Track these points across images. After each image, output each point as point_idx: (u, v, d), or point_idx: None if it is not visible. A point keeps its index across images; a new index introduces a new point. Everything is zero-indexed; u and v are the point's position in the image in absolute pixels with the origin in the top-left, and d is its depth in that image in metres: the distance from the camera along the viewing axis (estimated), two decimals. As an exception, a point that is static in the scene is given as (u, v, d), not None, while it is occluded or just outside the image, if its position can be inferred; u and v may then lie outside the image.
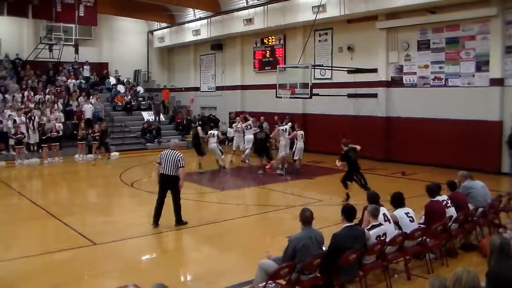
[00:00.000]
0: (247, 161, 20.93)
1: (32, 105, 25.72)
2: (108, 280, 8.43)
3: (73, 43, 31.98)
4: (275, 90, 22.61)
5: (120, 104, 30.22)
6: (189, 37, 31.87)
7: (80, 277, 8.48)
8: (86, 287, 7.50)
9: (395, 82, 21.81)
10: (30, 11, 27.30)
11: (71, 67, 31.68)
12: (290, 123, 23.01)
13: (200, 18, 30.50)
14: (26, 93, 27.09)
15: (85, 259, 9.51)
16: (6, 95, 26.44)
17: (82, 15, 28.33)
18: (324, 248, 6.99)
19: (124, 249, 10.37)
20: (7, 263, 9.39)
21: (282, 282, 6.68)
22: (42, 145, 23.28)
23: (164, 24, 33.84)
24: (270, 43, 27.81)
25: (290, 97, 22.13)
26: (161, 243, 10.98)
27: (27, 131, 23.39)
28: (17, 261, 9.48)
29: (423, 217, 8.99)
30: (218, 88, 31.91)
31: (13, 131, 22.69)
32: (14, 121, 23.39)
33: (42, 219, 12.67)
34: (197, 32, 30.90)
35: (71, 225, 11.79)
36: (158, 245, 10.90)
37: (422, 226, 8.48)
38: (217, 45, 31.13)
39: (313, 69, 22.17)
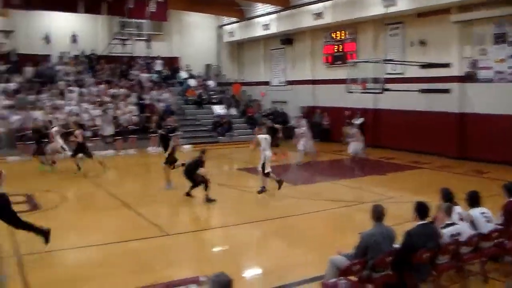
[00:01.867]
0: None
1: (107, 99, 26.54)
2: (180, 270, 8.51)
3: (145, 38, 32.66)
4: (345, 85, 22.38)
5: (191, 98, 30.66)
6: (259, 32, 31.89)
7: (154, 266, 8.61)
8: (160, 276, 7.63)
9: (470, 77, 21.03)
10: (104, 8, 28.17)
11: (143, 62, 32.35)
12: (362, 119, 22.80)
13: (270, 13, 30.51)
14: (101, 86, 27.96)
15: (158, 249, 9.68)
16: (83, 89, 27.39)
17: (153, 11, 28.92)
18: (395, 246, 6.90)
19: (195, 240, 10.52)
20: (85, 250, 9.83)
21: (354, 278, 6.62)
22: (117, 137, 24.00)
23: (233, 19, 34.01)
24: (339, 38, 27.49)
25: (361, 92, 21.88)
26: (232, 236, 10.96)
27: (102, 123, 24.20)
28: (94, 248, 9.89)
29: (501, 217, 8.60)
30: (289, 83, 31.85)
31: (89, 123, 23.51)
32: (90, 114, 24.27)
33: (117, 209, 13.02)
34: (266, 26, 30.92)
35: (145, 215, 12.05)
36: (229, 237, 10.89)
37: (499, 227, 8.07)
38: (286, 39, 31.03)
39: (384, 64, 21.82)
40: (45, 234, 9.30)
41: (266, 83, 33.72)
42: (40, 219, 11.96)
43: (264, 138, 14.65)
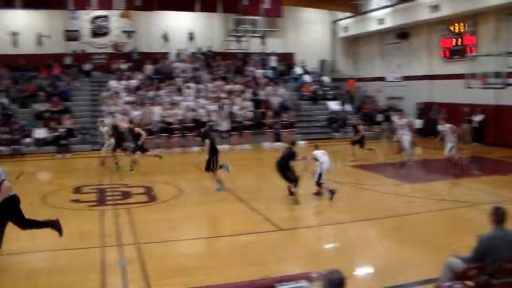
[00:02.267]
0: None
1: (222, 95, 26.97)
2: (291, 266, 8.42)
3: (260, 35, 32.86)
4: (464, 80, 21.21)
5: (306, 93, 30.50)
6: (374, 26, 31.05)
7: (265, 261, 8.56)
8: (271, 270, 7.51)
9: None
10: (220, 6, 28.66)
11: (258, 58, 32.58)
12: (481, 116, 21.57)
13: (385, 7, 29.65)
14: (217, 83, 28.47)
15: (270, 244, 9.63)
16: (199, 85, 28.03)
17: (268, 7, 29.05)
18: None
19: (308, 236, 10.33)
20: (199, 241, 10.13)
21: (470, 283, 6.11)
22: (232, 132, 24.31)
23: (348, 14, 33.41)
24: (458, 31, 26.06)
25: (481, 87, 20.66)
26: (344, 233, 10.62)
27: (218, 119, 24.63)
28: (208, 240, 10.20)
29: None
30: (404, 78, 30.76)
31: (205, 119, 24.02)
32: (206, 109, 24.79)
33: (231, 203, 13.10)
34: (381, 21, 30.04)
35: (259, 210, 12.00)
36: (340, 235, 10.58)
37: None
38: (402, 33, 29.94)
39: (507, 57, 20.44)
40: (55, 225, 9.22)
41: (381, 79, 32.76)
42: (158, 211, 12.43)
43: (320, 152, 13.80)
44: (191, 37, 31.79)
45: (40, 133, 23.86)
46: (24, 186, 15.61)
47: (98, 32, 31.20)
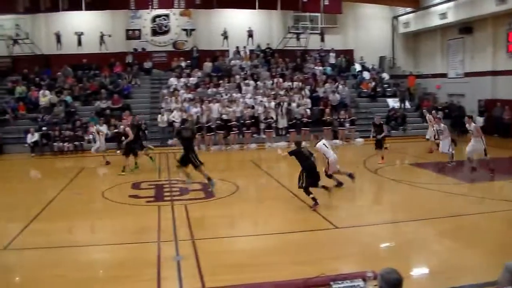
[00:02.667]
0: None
1: (281, 92, 26.85)
2: (346, 264, 8.29)
3: (319, 32, 32.55)
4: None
5: (365, 90, 29.97)
6: (435, 21, 30.11)
7: (319, 258, 8.43)
8: (326, 268, 7.32)
9: None
10: (278, 3, 28.54)
11: (317, 55, 32.27)
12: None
13: (447, 1, 28.71)
14: (275, 80, 28.37)
15: (325, 241, 9.51)
16: (258, 82, 28.02)
17: (327, 3, 28.73)
18: None
19: (364, 235, 10.06)
20: (254, 238, 10.04)
21: None
22: (290, 129, 24.16)
23: (409, 9, 32.61)
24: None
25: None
26: (400, 233, 10.31)
27: (276, 116, 24.54)
28: (264, 236, 10.06)
29: None
30: (466, 75, 29.78)
31: (263, 116, 23.98)
32: (265, 106, 24.73)
33: (287, 200, 12.92)
34: (444, 15, 29.10)
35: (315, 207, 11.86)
36: (397, 234, 10.27)
37: None
38: (465, 28, 28.92)
39: None
40: None
41: (443, 75, 31.78)
42: (215, 207, 12.40)
43: (323, 144, 13.78)
44: (250, 34, 31.86)
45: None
46: (84, 181, 15.96)
47: (159, 30, 31.72)
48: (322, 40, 32.61)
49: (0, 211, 13.15)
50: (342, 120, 24.91)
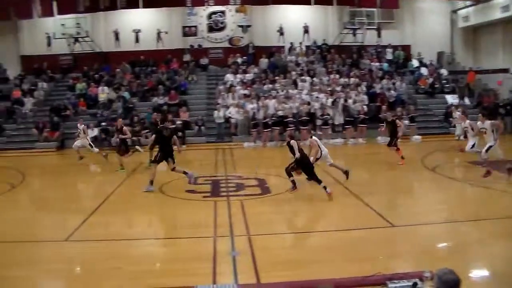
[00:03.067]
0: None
1: (337, 88, 26.61)
2: (403, 263, 8.13)
3: (375, 27, 32.07)
4: None
5: (423, 87, 29.34)
6: (497, 15, 29.00)
7: (376, 257, 8.24)
8: (381, 267, 7.19)
9: None
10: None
11: (374, 50, 31.82)
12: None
13: (510, -8, 27.79)
14: (331, 76, 28.13)
15: (381, 240, 9.30)
16: (314, 78, 27.84)
17: (384, -2, 28.31)
18: None
19: (421, 234, 9.78)
20: (310, 235, 10.11)
21: None
22: (346, 126, 23.92)
23: (468, 2, 31.66)
24: None
25: None
26: (458, 232, 9.90)
27: (333, 112, 24.34)
28: (319, 233, 10.08)
29: None
30: (529, 70, 28.71)
31: (319, 112, 23.81)
32: (321, 103, 24.56)
33: (344, 197, 12.75)
34: (506, 8, 28.08)
35: (370, 205, 11.63)
36: (455, 233, 9.88)
37: None
38: (529, 21, 27.99)
39: None
40: None
41: (505, 71, 30.73)
42: (271, 203, 12.39)
43: (316, 139, 14.43)
44: (306, 30, 31.66)
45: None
46: (142, 176, 16.18)
47: (215, 27, 31.95)
48: (379, 35, 32.07)
49: (61, 204, 13.59)
50: (399, 116, 24.43)
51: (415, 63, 31.50)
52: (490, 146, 14.31)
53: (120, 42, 31.80)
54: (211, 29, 32.07)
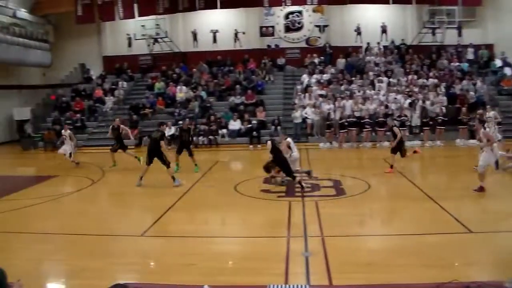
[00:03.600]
0: None
1: (415, 89, 26.11)
2: (479, 271, 7.80)
3: (456, 26, 31.16)
4: None
5: (506, 88, 28.25)
6: None
7: (452, 263, 8.06)
8: (458, 274, 7.03)
9: None
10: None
11: (454, 50, 30.94)
12: None
13: None
14: (409, 76, 27.61)
15: (458, 246, 9.00)
16: (392, 79, 27.42)
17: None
18: None
19: (501, 242, 9.37)
20: (384, 238, 9.87)
21: None
22: (424, 128, 23.44)
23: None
24: None
25: None
26: None
27: (411, 114, 23.93)
28: (392, 237, 9.85)
29: None
30: None
31: (397, 113, 23.46)
32: (399, 104, 24.20)
33: (419, 200, 12.51)
34: None
35: (447, 209, 11.32)
36: None
37: None
38: None
39: None
40: None
41: None
42: (345, 205, 12.39)
43: (290, 141, 15.30)
44: (383, 30, 31.21)
45: (235, 124, 25.11)
46: (218, 174, 16.47)
47: (292, 27, 32.06)
48: (460, 34, 31.12)
49: (138, 200, 14.09)
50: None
51: (498, 62, 30.32)
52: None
53: (198, 42, 32.53)
54: (288, 29, 32.19)
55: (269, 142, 14.19)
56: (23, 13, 29.83)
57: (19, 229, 10.87)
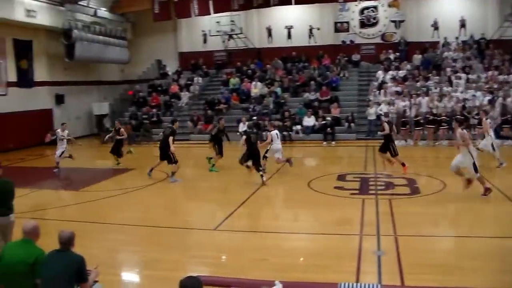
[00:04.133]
0: None
1: (495, 86, 25.26)
2: None
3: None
4: None
5: None
6: None
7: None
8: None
9: None
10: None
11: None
12: None
13: None
14: (489, 73, 26.71)
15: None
16: (470, 75, 26.62)
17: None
18: None
19: None
20: (455, 239, 9.76)
21: None
22: (504, 126, 22.66)
23: None
24: None
25: None
26: None
27: (491, 111, 23.16)
28: (467, 239, 9.57)
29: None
30: None
31: (475, 111, 22.77)
32: (477, 101, 23.51)
33: (499, 202, 12.15)
34: None
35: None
36: None
37: None
38: None
39: None
40: None
41: None
42: (419, 204, 12.30)
43: (276, 133, 16.76)
44: (462, 24, 30.24)
45: (309, 121, 25.13)
46: (292, 171, 16.57)
47: (367, 22, 31.67)
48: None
49: (212, 194, 14.48)
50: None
51: None
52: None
53: (273, 38, 32.69)
54: (363, 24, 31.80)
55: (243, 138, 15.75)
56: (103, 12, 31.15)
57: (97, 219, 11.50)
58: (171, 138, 15.65)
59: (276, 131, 17.05)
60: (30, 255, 5.72)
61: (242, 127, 24.16)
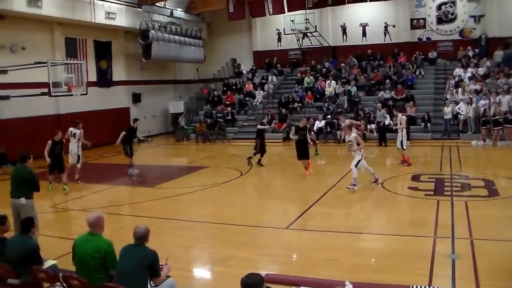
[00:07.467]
0: None
1: None
2: None
3: None
4: None
5: None
6: None
7: None
8: None
9: None
10: None
11: None
12: None
13: None
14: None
15: None
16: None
17: None
18: None
19: None
20: None
21: None
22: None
23: None
24: None
25: None
26: None
27: None
28: None
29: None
30: None
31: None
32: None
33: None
34: None
35: None
36: None
37: None
38: None
39: None
40: None
41: None
42: (498, 207, 11.89)
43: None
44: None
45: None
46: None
47: (444, 18, 30.72)
48: None
49: (285, 193, 14.55)
50: None
51: None
52: None
53: (347, 36, 32.38)
54: (440, 20, 30.86)
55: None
56: (179, 12, 31.92)
57: (170, 216, 11.86)
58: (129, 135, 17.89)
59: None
60: (99, 249, 5.99)
61: (317, 125, 24.16)
